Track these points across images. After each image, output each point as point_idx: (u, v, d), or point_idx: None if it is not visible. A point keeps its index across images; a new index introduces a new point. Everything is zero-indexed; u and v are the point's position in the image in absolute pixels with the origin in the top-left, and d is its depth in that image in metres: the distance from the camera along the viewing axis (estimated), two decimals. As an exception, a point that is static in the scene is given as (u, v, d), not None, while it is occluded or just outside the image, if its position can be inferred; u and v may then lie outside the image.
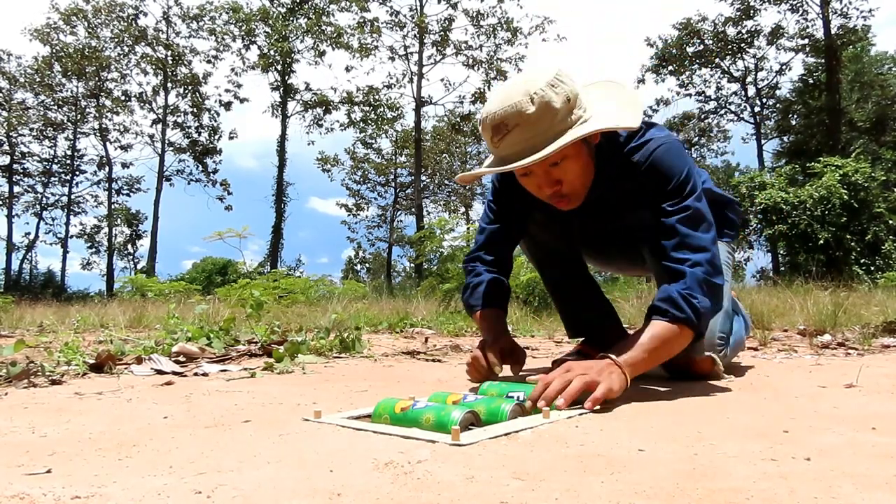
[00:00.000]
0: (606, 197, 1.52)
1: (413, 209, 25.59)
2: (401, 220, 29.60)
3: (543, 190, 1.39)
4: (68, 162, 26.47)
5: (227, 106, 25.85)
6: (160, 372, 1.82)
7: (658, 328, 1.32)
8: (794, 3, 21.93)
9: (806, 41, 22.57)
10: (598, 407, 1.20)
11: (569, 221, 1.67)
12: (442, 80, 23.14)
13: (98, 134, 26.08)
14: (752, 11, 22.72)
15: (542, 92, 1.25)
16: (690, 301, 1.31)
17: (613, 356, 1.28)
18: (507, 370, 1.69)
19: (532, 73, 1.32)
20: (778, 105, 25.70)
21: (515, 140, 1.28)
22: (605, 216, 1.61)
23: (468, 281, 1.72)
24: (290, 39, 23.55)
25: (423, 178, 25.96)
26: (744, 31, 23.45)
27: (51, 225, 27.38)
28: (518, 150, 1.28)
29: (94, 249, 28.95)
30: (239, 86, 25.58)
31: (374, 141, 27.37)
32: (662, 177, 1.39)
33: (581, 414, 1.15)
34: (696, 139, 27.75)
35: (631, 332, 1.60)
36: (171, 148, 25.68)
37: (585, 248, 1.84)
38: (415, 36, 22.40)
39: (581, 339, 1.89)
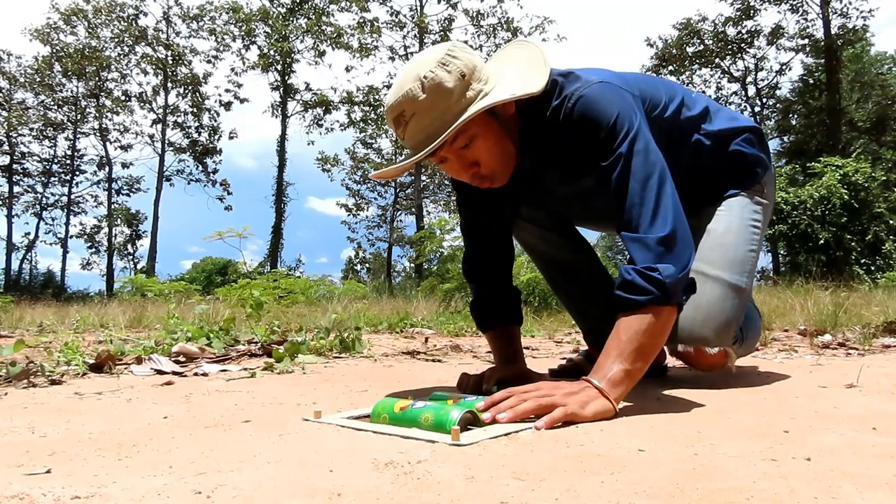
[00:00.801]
0: (546, 166, 1.40)
1: (413, 209, 25.59)
2: (401, 220, 29.61)
3: (461, 174, 1.30)
4: (68, 162, 26.48)
5: (227, 106, 25.86)
6: (160, 372, 1.82)
7: (627, 326, 1.15)
8: (794, 3, 21.94)
9: (806, 41, 22.58)
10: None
11: (515, 205, 1.59)
12: (442, 80, 23.09)
13: (98, 134, 26.11)
14: (752, 11, 22.73)
15: (431, 74, 1.16)
16: (649, 275, 1.14)
17: (593, 379, 1.12)
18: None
19: (422, 55, 1.22)
20: (778, 105, 25.70)
21: (415, 129, 1.20)
22: (554, 187, 1.48)
23: (473, 295, 1.62)
24: (290, 39, 23.56)
25: (423, 178, 25.96)
26: (744, 31, 23.45)
27: (51, 225, 27.41)
28: (419, 139, 1.21)
29: (93, 249, 28.95)
30: (239, 86, 25.61)
31: (374, 141, 27.38)
32: (589, 131, 1.23)
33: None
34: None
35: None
36: (171, 148, 25.70)
37: (576, 221, 1.73)
38: (415, 36, 22.41)
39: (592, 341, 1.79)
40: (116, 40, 24.42)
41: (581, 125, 1.24)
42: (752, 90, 25.45)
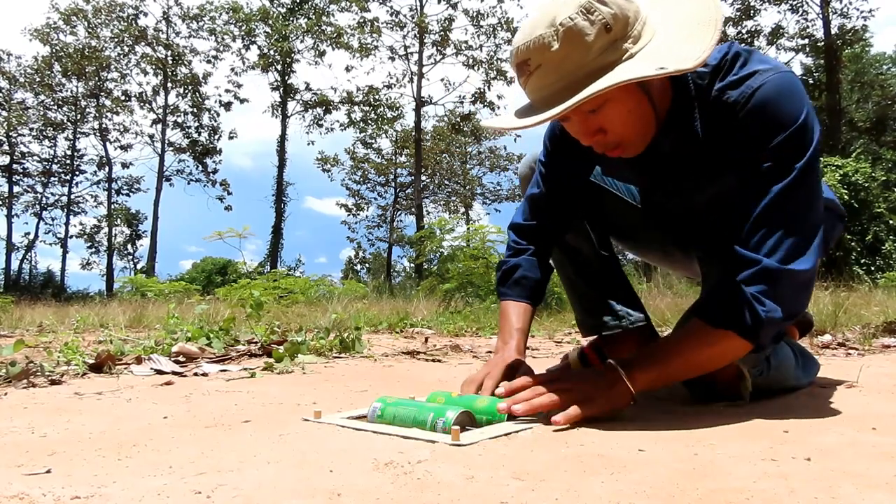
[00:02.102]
0: (687, 151, 1.16)
1: (413, 209, 25.58)
2: (401, 220, 29.61)
3: (583, 139, 1.11)
4: (68, 162, 26.46)
5: (227, 106, 25.85)
6: (160, 372, 1.82)
7: (696, 334, 1.06)
8: (794, 3, 21.93)
9: (806, 41, 22.58)
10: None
11: (633, 186, 1.37)
12: (442, 80, 23.19)
13: (98, 134, 26.10)
14: (752, 11, 22.72)
15: (569, 22, 0.97)
16: (753, 305, 1.01)
17: (619, 367, 1.06)
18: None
19: None
20: (778, 105, 25.69)
21: (540, 83, 1.02)
22: (683, 183, 1.23)
23: (502, 260, 1.46)
24: (290, 39, 23.55)
25: (423, 178, 25.96)
26: (744, 31, 23.44)
27: (50, 225, 27.40)
28: (543, 95, 1.03)
29: (93, 249, 28.97)
30: (239, 86, 25.60)
31: (374, 141, 27.38)
32: (768, 125, 1.03)
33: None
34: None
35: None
36: (171, 148, 25.68)
37: (647, 232, 1.51)
38: (415, 36, 22.40)
39: (591, 340, 1.68)
40: (116, 40, 24.41)
41: (761, 112, 1.04)
42: (752, 90, 25.44)
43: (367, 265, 33.60)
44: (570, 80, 1.00)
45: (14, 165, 25.44)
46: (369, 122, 24.80)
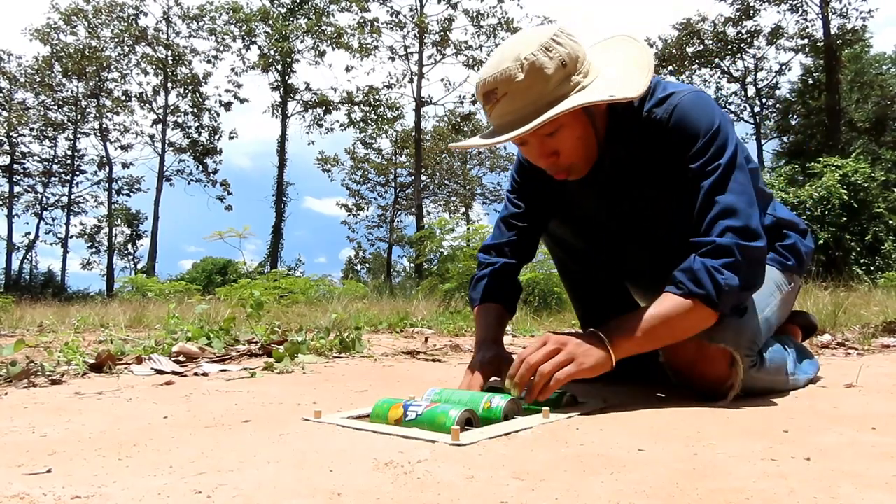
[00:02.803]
0: (624, 165, 1.33)
1: (413, 209, 25.59)
2: (401, 220, 29.61)
3: (539, 161, 1.28)
4: (68, 162, 26.46)
5: (227, 106, 25.85)
6: (160, 372, 1.82)
7: (666, 302, 1.18)
8: (794, 3, 21.93)
9: (805, 41, 22.58)
10: (595, 407, 1.20)
11: (586, 202, 1.49)
12: (442, 80, 23.20)
13: (98, 134, 26.09)
14: (751, 11, 22.72)
15: (532, 57, 1.14)
16: (713, 275, 1.15)
17: (600, 332, 1.19)
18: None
19: (527, 35, 1.19)
20: (778, 105, 25.70)
21: (505, 110, 1.18)
22: (626, 191, 1.39)
23: (479, 270, 1.58)
24: (290, 39, 23.55)
25: (423, 178, 25.95)
26: (743, 31, 23.44)
27: (51, 225, 27.39)
28: (508, 120, 1.19)
29: (94, 249, 28.97)
30: (239, 86, 25.60)
31: (374, 141, 27.38)
32: (688, 133, 1.22)
33: (581, 414, 1.15)
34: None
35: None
36: (172, 148, 25.68)
37: (623, 232, 1.60)
38: (415, 36, 22.40)
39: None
40: (116, 40, 24.40)
41: (680, 124, 1.23)
42: (751, 90, 25.46)
43: (367, 265, 33.60)
44: (532, 107, 1.16)
45: (14, 165, 25.43)
46: (369, 122, 24.80)
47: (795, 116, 25.02)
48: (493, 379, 1.30)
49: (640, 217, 1.43)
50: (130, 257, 30.98)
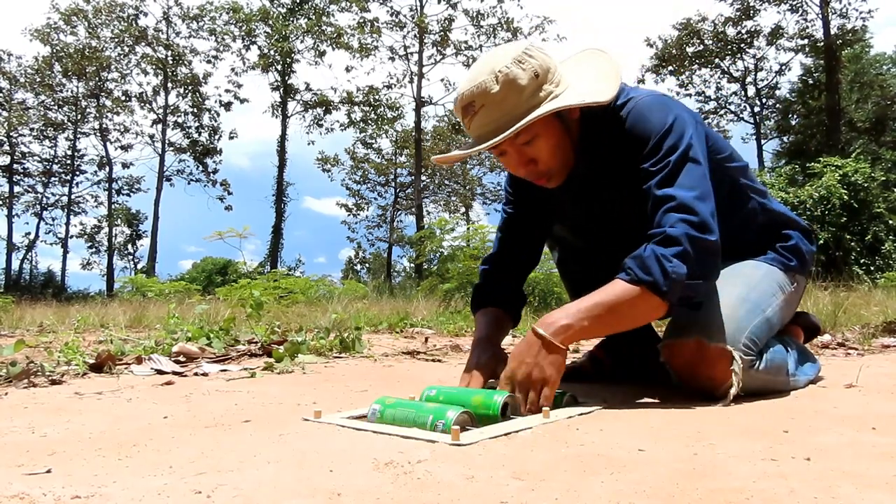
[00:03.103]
0: (596, 170, 1.39)
1: (413, 209, 25.58)
2: (401, 220, 29.60)
3: (518, 170, 1.33)
4: (68, 162, 26.45)
5: (227, 106, 25.84)
6: (160, 372, 1.82)
7: (613, 288, 1.19)
8: (794, 3, 21.92)
9: (805, 41, 22.57)
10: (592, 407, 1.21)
11: (568, 207, 1.54)
12: (442, 80, 23.17)
13: (98, 134, 26.08)
14: (751, 11, 22.71)
15: (506, 69, 1.20)
16: (661, 262, 1.16)
17: (540, 328, 1.18)
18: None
19: (500, 50, 1.26)
20: (778, 105, 25.69)
21: (483, 121, 1.23)
22: (597, 194, 1.45)
23: (479, 280, 1.62)
24: (290, 39, 23.54)
25: (423, 178, 25.94)
26: (743, 31, 23.43)
27: (51, 225, 27.37)
28: (486, 130, 1.24)
29: (94, 249, 28.96)
30: (239, 86, 25.59)
31: (374, 141, 27.37)
32: (641, 135, 1.27)
33: (581, 414, 1.15)
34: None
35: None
36: (172, 148, 25.67)
37: (609, 232, 1.62)
38: (415, 36, 22.39)
39: (599, 342, 1.79)
40: (116, 40, 24.39)
41: (633, 130, 1.28)
42: (751, 90, 25.44)
43: (367, 265, 33.60)
44: (507, 117, 1.22)
45: (14, 165, 25.42)
46: (369, 122, 24.79)
47: (795, 116, 25.01)
48: (490, 381, 1.31)
49: (608, 219, 1.49)
50: (130, 257, 30.99)
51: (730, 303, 1.31)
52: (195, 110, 25.84)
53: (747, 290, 1.36)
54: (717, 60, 24.59)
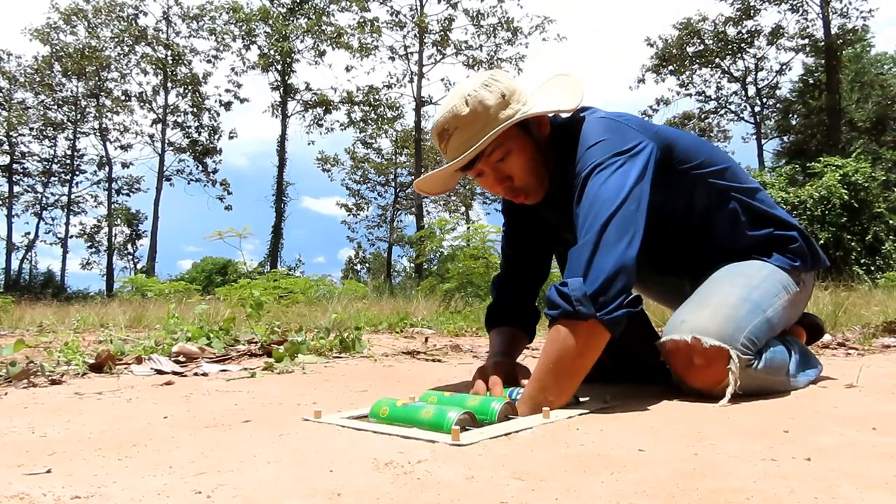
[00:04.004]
0: (566, 190, 1.38)
1: (413, 209, 25.59)
2: (401, 220, 29.60)
3: (496, 188, 1.38)
4: (68, 162, 26.44)
5: (227, 106, 25.84)
6: (160, 372, 1.82)
7: (547, 342, 1.19)
8: (794, 3, 21.92)
9: (806, 41, 22.57)
10: (595, 406, 1.21)
11: (548, 226, 1.59)
12: (442, 79, 23.11)
13: (98, 134, 26.08)
14: (752, 11, 22.71)
15: (474, 93, 1.28)
16: (560, 289, 1.16)
17: (517, 402, 1.18)
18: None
19: (468, 80, 1.35)
20: (778, 105, 25.68)
21: (456, 143, 1.30)
22: (568, 206, 1.42)
23: (492, 299, 1.65)
24: (290, 39, 23.54)
25: (423, 177, 25.89)
26: (744, 31, 23.43)
27: (51, 225, 27.36)
28: (459, 152, 1.30)
29: (93, 249, 28.94)
30: (239, 86, 25.59)
31: (374, 141, 27.37)
32: (580, 156, 1.30)
33: (581, 414, 1.15)
34: (696, 139, 27.65)
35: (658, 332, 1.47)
36: (171, 148, 25.67)
37: None
38: (415, 36, 22.39)
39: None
40: (116, 40, 24.39)
41: (581, 148, 1.31)
42: (752, 90, 25.43)
43: (367, 265, 33.60)
44: (478, 136, 1.27)
45: (14, 165, 25.42)
46: (369, 122, 24.80)
47: (796, 116, 25.01)
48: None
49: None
50: (130, 257, 30.95)
51: (731, 302, 1.31)
52: (195, 110, 25.84)
53: (749, 289, 1.36)
54: (717, 60, 24.59)
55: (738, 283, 1.38)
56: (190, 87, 25.42)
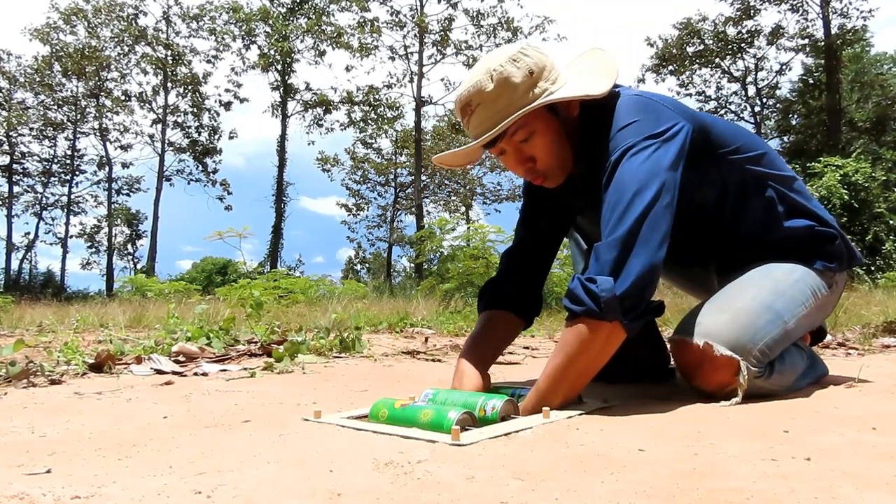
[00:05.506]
0: (594, 168, 1.32)
1: (413, 209, 25.57)
2: (401, 220, 29.58)
3: (517, 168, 1.32)
4: (68, 162, 26.42)
5: (227, 106, 25.83)
6: (160, 372, 1.82)
7: (563, 338, 1.16)
8: (794, 3, 21.92)
9: (806, 41, 22.57)
10: (594, 406, 1.21)
11: (575, 204, 1.52)
12: (442, 79, 23.13)
13: (98, 134, 26.05)
14: (752, 11, 22.71)
15: (500, 68, 1.21)
16: (588, 286, 1.12)
17: (520, 403, 1.16)
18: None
19: (496, 52, 1.27)
20: (778, 105, 25.68)
21: (479, 120, 1.24)
22: (596, 192, 1.36)
23: (497, 274, 1.58)
24: (290, 39, 23.53)
25: (423, 178, 25.92)
26: (744, 31, 23.42)
27: (50, 225, 27.34)
28: (482, 129, 1.24)
29: (93, 249, 28.92)
30: (239, 86, 25.58)
31: (374, 141, 27.35)
32: (612, 136, 1.23)
33: (581, 414, 1.15)
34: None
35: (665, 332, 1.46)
36: (171, 148, 25.65)
37: None
38: (415, 36, 22.38)
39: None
40: (116, 40, 24.38)
41: (613, 129, 1.24)
42: (752, 90, 25.42)
43: (367, 265, 33.58)
44: (502, 114, 1.22)
45: (14, 165, 25.40)
46: (369, 122, 24.77)
47: (796, 116, 25.00)
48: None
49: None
50: (130, 257, 30.94)
51: (751, 308, 1.27)
52: (195, 110, 25.82)
53: (774, 296, 1.31)
54: (717, 60, 24.58)
55: (764, 287, 1.32)
56: (190, 87, 25.40)
